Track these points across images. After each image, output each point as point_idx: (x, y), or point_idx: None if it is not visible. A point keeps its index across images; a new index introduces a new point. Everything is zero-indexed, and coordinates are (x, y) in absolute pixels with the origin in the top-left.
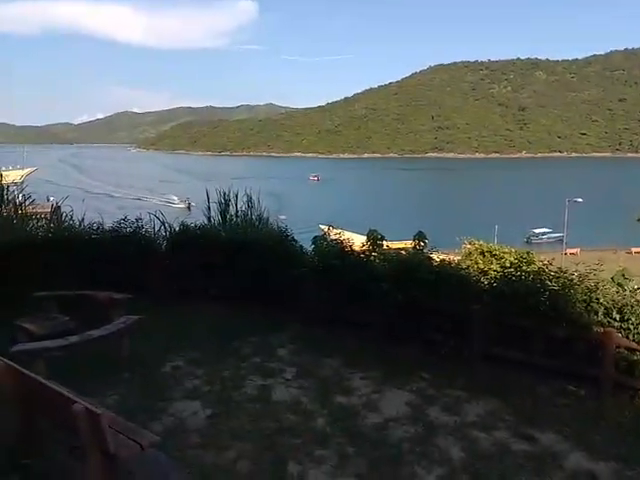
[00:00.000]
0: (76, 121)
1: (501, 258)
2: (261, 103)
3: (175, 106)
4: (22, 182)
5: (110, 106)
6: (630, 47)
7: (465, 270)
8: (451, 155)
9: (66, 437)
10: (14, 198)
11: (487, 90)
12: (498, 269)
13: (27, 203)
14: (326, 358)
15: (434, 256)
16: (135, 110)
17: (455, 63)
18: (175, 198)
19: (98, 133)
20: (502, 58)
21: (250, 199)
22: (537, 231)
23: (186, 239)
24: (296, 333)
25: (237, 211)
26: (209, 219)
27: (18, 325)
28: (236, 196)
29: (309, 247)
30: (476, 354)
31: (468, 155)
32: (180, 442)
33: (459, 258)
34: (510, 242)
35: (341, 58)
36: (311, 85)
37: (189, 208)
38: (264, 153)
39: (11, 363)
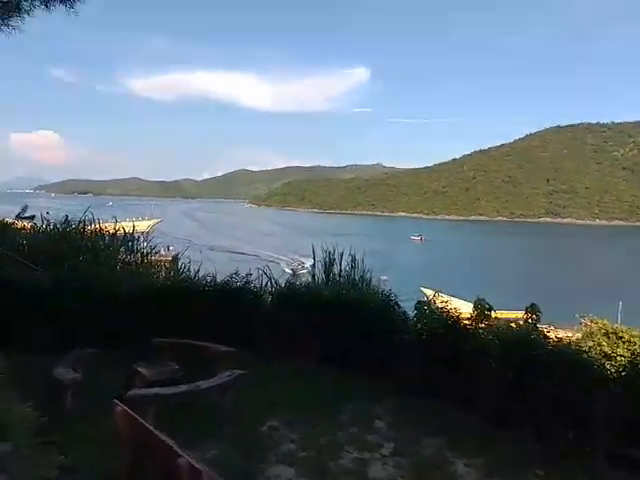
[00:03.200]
0: (199, 177)
1: (629, 342)
2: (368, 163)
3: (287, 165)
4: (148, 232)
5: (230, 164)
6: None
7: (587, 353)
8: (568, 220)
9: None
10: (142, 248)
11: (610, 153)
12: (627, 355)
13: (151, 252)
14: (426, 436)
15: (550, 333)
16: (251, 168)
17: (573, 125)
18: (308, 264)
19: (217, 189)
20: (627, 120)
21: (354, 259)
22: None
23: (291, 296)
24: (395, 404)
25: (341, 270)
26: (313, 277)
27: (135, 369)
28: (341, 255)
29: (411, 310)
30: (600, 452)
31: (588, 221)
32: None
33: (578, 336)
34: (637, 322)
35: (448, 120)
36: (418, 147)
37: (294, 274)
38: (369, 212)
39: (127, 409)
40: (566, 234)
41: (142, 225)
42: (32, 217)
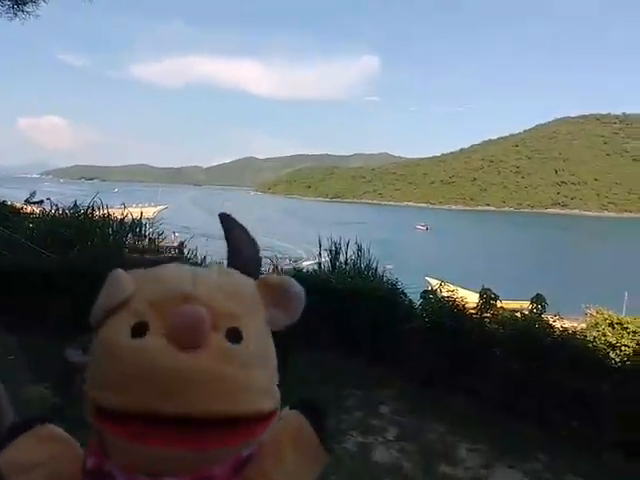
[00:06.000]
0: (206, 164)
1: (634, 332)
2: (375, 152)
3: (294, 153)
4: (154, 218)
5: (237, 151)
6: None
7: (592, 343)
8: (576, 212)
9: None
10: (149, 233)
11: (620, 145)
12: (632, 345)
13: (159, 238)
14: (430, 422)
15: (555, 323)
16: (258, 156)
17: (584, 116)
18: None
19: (224, 176)
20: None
21: (360, 248)
22: None
23: None
24: (400, 391)
25: (347, 259)
26: (319, 265)
27: None
28: (347, 244)
29: (416, 299)
30: (604, 439)
31: (596, 213)
32: None
33: (583, 326)
34: None
35: (456, 110)
36: (426, 136)
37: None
38: (375, 201)
39: None
40: (573, 225)
41: (148, 211)
42: (41, 202)
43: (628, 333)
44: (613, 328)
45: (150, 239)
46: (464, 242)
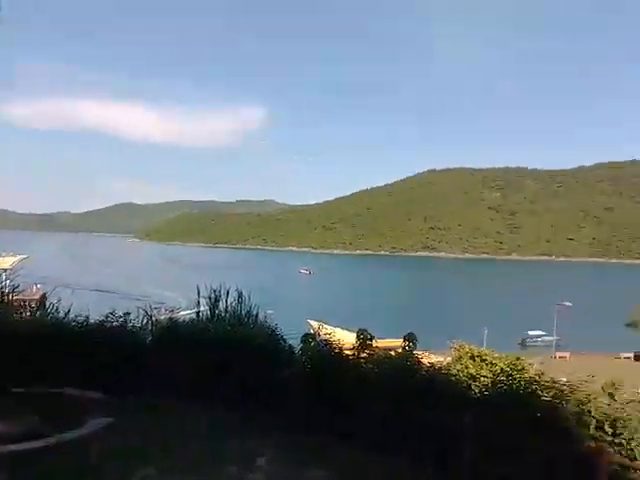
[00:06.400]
0: (81, 210)
1: (492, 364)
2: (260, 199)
3: (177, 199)
4: (12, 269)
5: (113, 197)
6: (615, 160)
7: (455, 376)
8: (442, 254)
9: None
10: (3, 286)
11: (478, 195)
12: (489, 375)
13: (14, 291)
14: (311, 469)
15: (424, 359)
16: (136, 202)
17: (448, 169)
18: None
19: (100, 222)
20: (493, 166)
21: (240, 294)
22: (532, 333)
23: (172, 335)
24: (280, 440)
25: (227, 306)
26: (197, 314)
27: None
28: (227, 291)
29: (297, 344)
30: (466, 470)
31: (459, 255)
32: None
33: (448, 361)
34: (499, 344)
35: (334, 160)
36: (310, 184)
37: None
38: (259, 246)
39: None
40: (440, 267)
41: (5, 262)
42: None
43: (487, 364)
44: (474, 360)
45: (3, 292)
46: (345, 284)
